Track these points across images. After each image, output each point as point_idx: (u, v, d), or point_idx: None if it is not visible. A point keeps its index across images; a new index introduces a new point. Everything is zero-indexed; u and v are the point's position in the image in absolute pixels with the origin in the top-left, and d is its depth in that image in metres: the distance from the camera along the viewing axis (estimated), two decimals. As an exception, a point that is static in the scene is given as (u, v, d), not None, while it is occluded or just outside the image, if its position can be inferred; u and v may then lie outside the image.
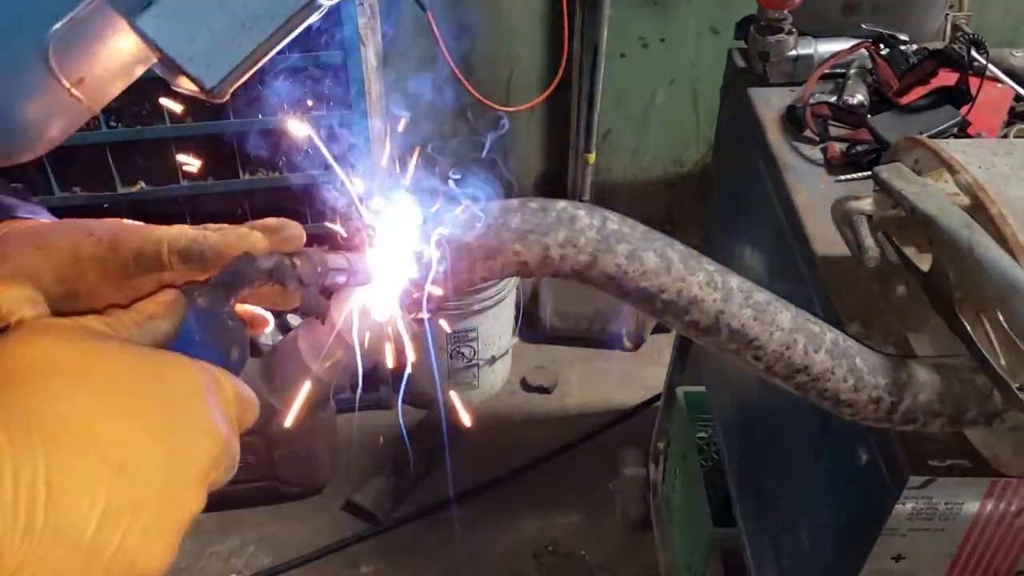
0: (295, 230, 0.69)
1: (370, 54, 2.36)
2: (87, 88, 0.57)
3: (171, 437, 0.52)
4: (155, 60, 0.58)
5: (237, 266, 0.64)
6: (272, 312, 0.74)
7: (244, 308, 0.71)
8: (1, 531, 0.44)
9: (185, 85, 0.57)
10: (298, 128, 0.73)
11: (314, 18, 0.58)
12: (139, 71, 0.60)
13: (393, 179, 0.74)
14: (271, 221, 0.69)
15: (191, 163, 2.31)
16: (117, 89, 0.60)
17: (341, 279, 0.70)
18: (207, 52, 0.55)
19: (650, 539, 2.55)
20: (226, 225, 0.69)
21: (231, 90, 0.58)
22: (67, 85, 0.55)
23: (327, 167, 0.73)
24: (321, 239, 0.74)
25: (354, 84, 2.30)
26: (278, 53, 0.60)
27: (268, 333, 0.76)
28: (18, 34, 0.53)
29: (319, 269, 0.68)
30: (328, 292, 0.71)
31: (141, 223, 0.70)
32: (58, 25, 0.52)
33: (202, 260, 0.66)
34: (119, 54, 0.57)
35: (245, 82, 0.61)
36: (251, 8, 0.56)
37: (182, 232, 0.67)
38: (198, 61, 0.55)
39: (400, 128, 0.84)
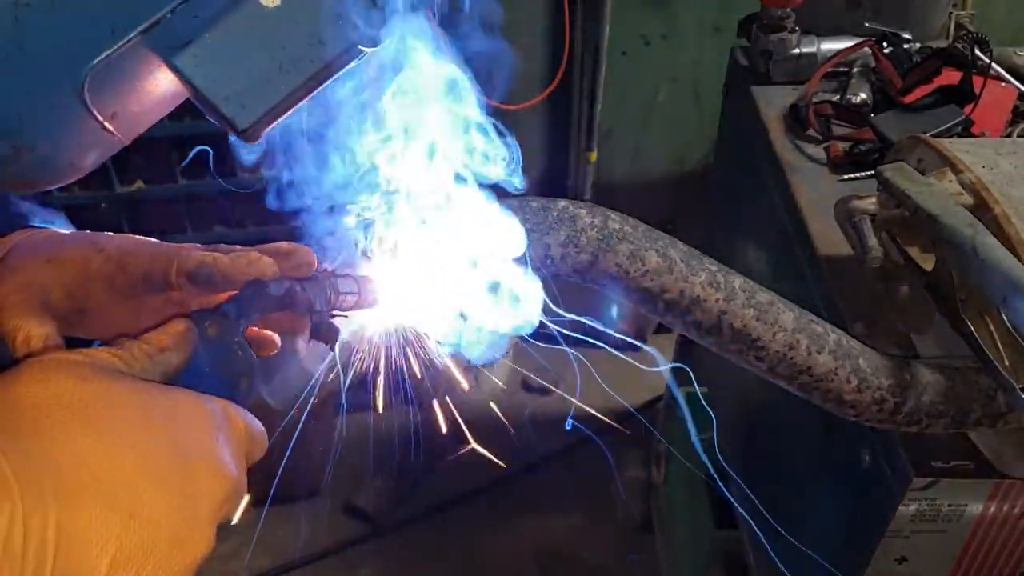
0: (306, 256, 0.69)
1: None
2: (120, 122, 0.57)
3: (182, 481, 0.52)
4: (189, 95, 0.57)
5: (247, 294, 0.63)
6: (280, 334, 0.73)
7: (251, 329, 0.70)
8: None
9: (218, 123, 0.57)
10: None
11: (353, 64, 0.58)
12: (174, 105, 0.60)
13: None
14: (283, 245, 0.69)
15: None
16: (150, 121, 0.60)
17: (350, 302, 0.69)
18: (243, 93, 0.55)
19: (651, 541, 2.54)
20: (237, 247, 0.68)
21: (264, 132, 0.57)
22: (101, 119, 0.55)
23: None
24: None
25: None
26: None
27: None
28: (55, 70, 0.53)
29: (329, 295, 0.67)
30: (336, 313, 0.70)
31: (152, 240, 0.69)
32: (94, 62, 0.52)
33: (210, 283, 0.65)
34: (154, 90, 0.57)
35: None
36: (290, 51, 0.55)
37: (191, 254, 0.66)
38: (233, 102, 0.55)
39: None
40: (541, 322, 0.76)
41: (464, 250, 0.71)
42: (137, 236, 0.70)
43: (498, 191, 0.74)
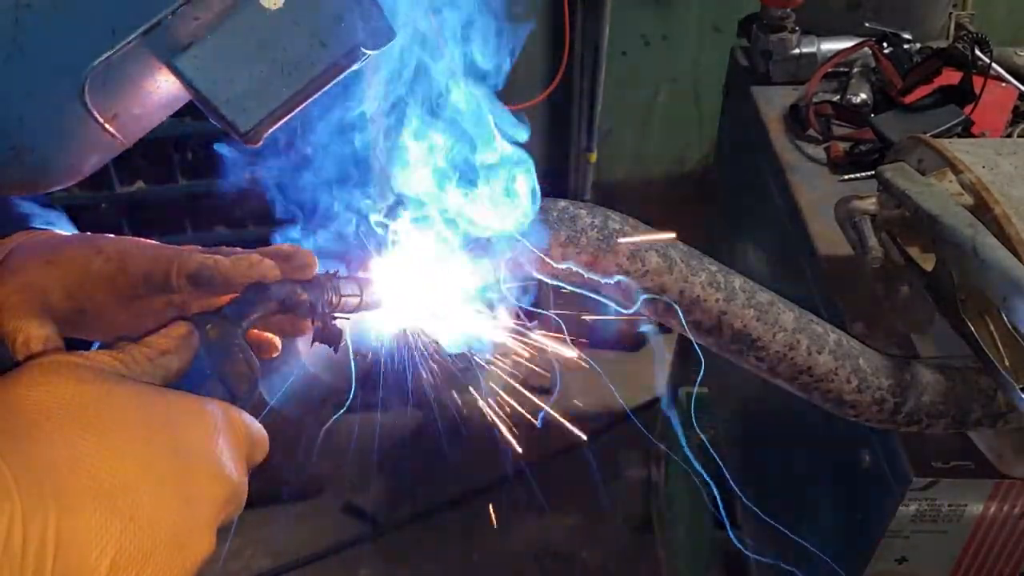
0: (307, 258, 0.69)
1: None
2: (121, 124, 0.57)
3: (182, 484, 0.52)
4: (191, 97, 0.57)
5: (249, 296, 0.63)
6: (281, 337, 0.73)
7: (252, 332, 0.70)
8: None
9: (220, 125, 0.57)
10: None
11: (356, 66, 0.58)
12: (175, 107, 0.59)
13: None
14: (284, 247, 0.69)
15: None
16: (152, 124, 0.60)
17: (352, 304, 0.69)
18: (244, 96, 0.55)
19: (651, 541, 2.54)
20: (239, 249, 0.68)
21: (266, 135, 0.57)
22: (101, 121, 0.55)
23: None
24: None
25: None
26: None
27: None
28: (56, 72, 0.52)
29: (331, 297, 0.67)
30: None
31: (152, 242, 0.69)
32: (95, 64, 0.52)
33: (211, 285, 0.65)
34: (155, 92, 0.57)
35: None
36: (291, 54, 0.55)
37: (192, 255, 0.66)
38: (234, 105, 0.55)
39: None
40: (541, 323, 0.75)
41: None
42: (138, 238, 0.70)
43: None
